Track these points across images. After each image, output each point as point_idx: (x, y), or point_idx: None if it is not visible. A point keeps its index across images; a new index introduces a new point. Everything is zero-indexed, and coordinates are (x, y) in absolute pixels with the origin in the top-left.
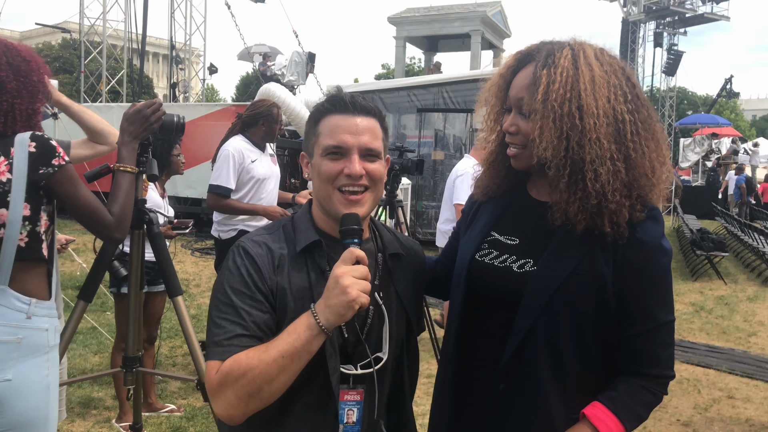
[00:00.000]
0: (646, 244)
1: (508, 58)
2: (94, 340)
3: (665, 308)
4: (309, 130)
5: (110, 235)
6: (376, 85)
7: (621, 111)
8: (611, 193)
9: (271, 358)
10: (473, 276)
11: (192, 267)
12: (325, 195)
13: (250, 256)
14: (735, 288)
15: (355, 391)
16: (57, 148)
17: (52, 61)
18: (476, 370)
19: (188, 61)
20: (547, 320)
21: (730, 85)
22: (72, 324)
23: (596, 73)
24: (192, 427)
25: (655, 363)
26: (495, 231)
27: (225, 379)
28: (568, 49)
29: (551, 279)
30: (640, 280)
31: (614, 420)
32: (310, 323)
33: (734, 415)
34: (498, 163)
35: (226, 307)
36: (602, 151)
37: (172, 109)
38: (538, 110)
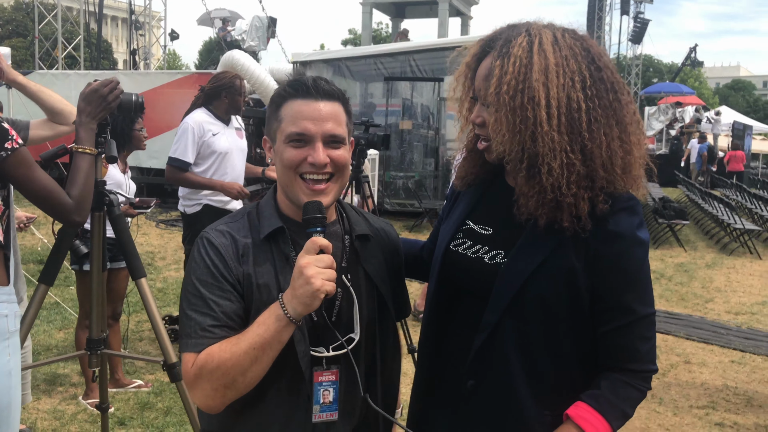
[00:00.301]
0: (618, 236)
1: (473, 46)
2: (58, 316)
3: (643, 301)
4: (271, 115)
5: (70, 218)
6: (343, 52)
7: (577, 99)
8: (566, 186)
9: (243, 351)
10: (447, 266)
11: (157, 239)
12: (288, 182)
13: (214, 246)
14: (694, 255)
15: (329, 371)
16: (9, 131)
17: (4, 23)
18: (449, 361)
19: (148, 26)
20: (515, 315)
21: (695, 54)
22: (33, 308)
23: (551, 60)
24: (160, 403)
25: (636, 358)
26: (470, 220)
27: (200, 372)
28: (523, 36)
29: (519, 273)
30: (615, 273)
31: (600, 419)
32: (278, 314)
33: (690, 380)
34: (475, 152)
35: (195, 299)
36: (554, 143)
37: (132, 77)
38: (492, 103)
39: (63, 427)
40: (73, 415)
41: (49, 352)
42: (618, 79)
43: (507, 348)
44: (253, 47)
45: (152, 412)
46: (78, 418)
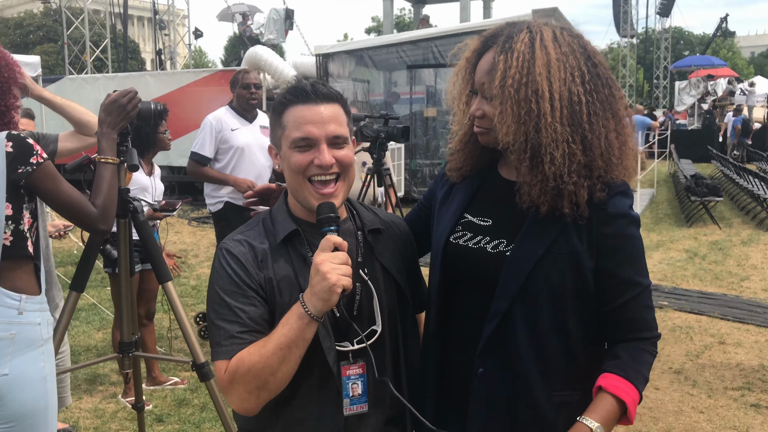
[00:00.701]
0: (617, 216)
1: (473, 41)
2: (96, 317)
3: (642, 274)
4: (274, 123)
5: (95, 227)
6: (364, 43)
7: (578, 92)
8: (568, 174)
9: (271, 352)
10: (449, 258)
11: (189, 237)
12: (297, 186)
13: (233, 255)
14: (729, 232)
15: (356, 365)
16: (34, 146)
17: (35, 30)
18: (457, 350)
19: (173, 25)
20: (524, 301)
21: (726, 24)
22: (66, 314)
23: (552, 56)
24: (196, 399)
25: (645, 327)
26: (468, 213)
27: (233, 377)
28: (525, 33)
29: (526, 260)
30: (617, 251)
31: (630, 386)
32: (300, 313)
33: (725, 361)
34: (472, 144)
35: (221, 308)
36: (557, 134)
37: (159, 77)
38: (497, 95)
39: (104, 425)
40: (114, 413)
41: (88, 352)
42: (611, 75)
43: (517, 334)
44: (272, 40)
45: (189, 409)
46: (118, 416)
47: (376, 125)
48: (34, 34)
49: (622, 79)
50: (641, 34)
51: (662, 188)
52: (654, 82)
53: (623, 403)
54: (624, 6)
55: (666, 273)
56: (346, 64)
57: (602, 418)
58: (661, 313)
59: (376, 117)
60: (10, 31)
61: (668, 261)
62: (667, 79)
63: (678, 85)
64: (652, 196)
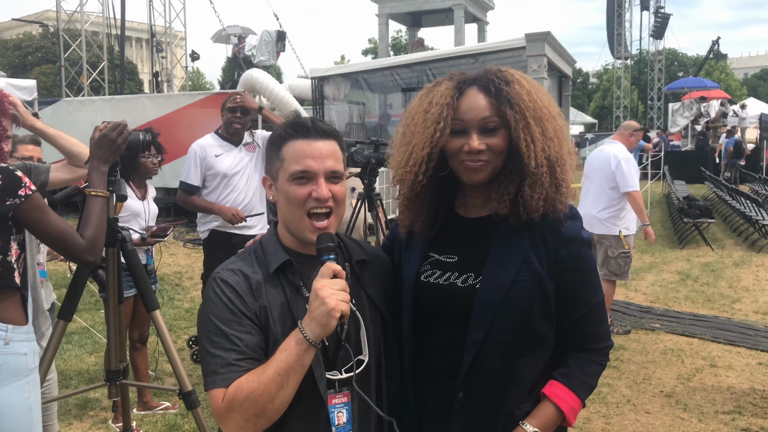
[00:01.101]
0: (571, 240)
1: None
2: (89, 340)
3: (595, 291)
4: (271, 155)
5: (83, 258)
6: (360, 66)
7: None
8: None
9: (269, 378)
10: (419, 296)
11: (184, 259)
12: (294, 219)
13: (228, 284)
14: (722, 254)
15: (341, 393)
16: (23, 178)
17: (33, 51)
18: (434, 380)
19: (170, 48)
20: (497, 329)
21: (717, 47)
22: (53, 343)
23: (535, 85)
24: (187, 424)
25: (597, 338)
26: (433, 252)
27: (230, 404)
28: (507, 70)
29: (495, 291)
30: (572, 273)
31: (571, 395)
32: (298, 338)
33: (716, 384)
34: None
35: (217, 336)
36: (570, 146)
37: (155, 100)
38: (519, 119)
39: None
40: None
41: (80, 376)
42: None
43: (492, 359)
44: (263, 62)
45: None
46: None
47: (366, 151)
48: (33, 56)
49: (617, 100)
50: (635, 55)
51: (656, 209)
52: (648, 103)
53: (562, 411)
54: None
55: (658, 295)
56: (341, 86)
57: (541, 423)
58: (652, 336)
59: (367, 143)
60: (8, 53)
61: (660, 283)
62: (661, 101)
63: (672, 106)
64: None
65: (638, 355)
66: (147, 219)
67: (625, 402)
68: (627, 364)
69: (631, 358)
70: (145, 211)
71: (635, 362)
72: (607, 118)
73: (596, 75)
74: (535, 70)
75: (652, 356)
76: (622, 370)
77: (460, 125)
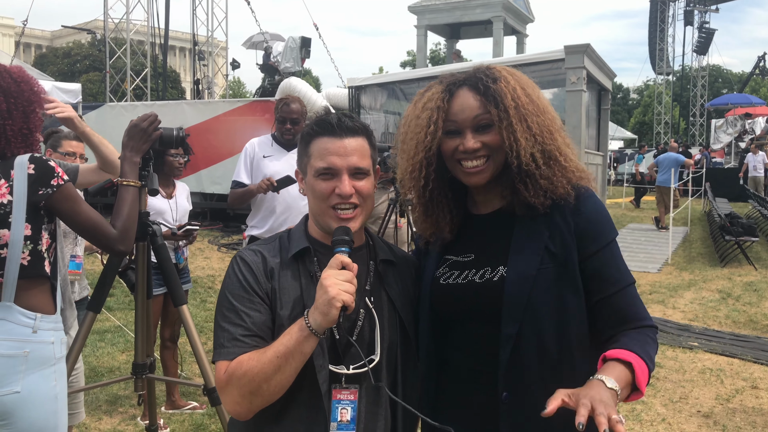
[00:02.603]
0: (594, 217)
1: (433, 93)
2: (121, 339)
3: (626, 272)
4: (301, 151)
5: (114, 248)
6: (396, 76)
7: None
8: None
9: (268, 359)
10: (438, 300)
11: (218, 263)
12: (320, 212)
13: (246, 263)
14: (766, 274)
15: (348, 390)
16: (56, 168)
17: (82, 59)
18: (463, 386)
19: (211, 56)
20: (530, 321)
21: (764, 62)
22: (82, 334)
23: (522, 80)
24: (214, 424)
25: (641, 316)
26: (449, 254)
27: (230, 378)
28: (495, 68)
29: (523, 282)
30: (600, 252)
31: (637, 358)
32: (301, 325)
33: (757, 406)
34: (435, 201)
35: (228, 311)
36: (560, 140)
37: (195, 106)
38: (513, 115)
39: None
40: None
41: (111, 373)
42: None
43: (530, 352)
44: (288, 68)
45: None
46: None
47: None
48: (81, 64)
49: (658, 116)
50: (678, 71)
51: (696, 227)
52: (690, 119)
53: (630, 365)
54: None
55: (697, 313)
56: (377, 96)
57: (617, 378)
58: (690, 354)
59: None
60: (58, 60)
61: (700, 301)
62: (703, 117)
63: (714, 123)
64: (686, 235)
65: (675, 374)
66: (175, 217)
67: (660, 420)
68: (663, 382)
69: (667, 376)
70: (171, 210)
71: (672, 380)
72: (648, 134)
73: (637, 91)
74: (574, 82)
75: (690, 375)
76: (658, 388)
77: (453, 126)
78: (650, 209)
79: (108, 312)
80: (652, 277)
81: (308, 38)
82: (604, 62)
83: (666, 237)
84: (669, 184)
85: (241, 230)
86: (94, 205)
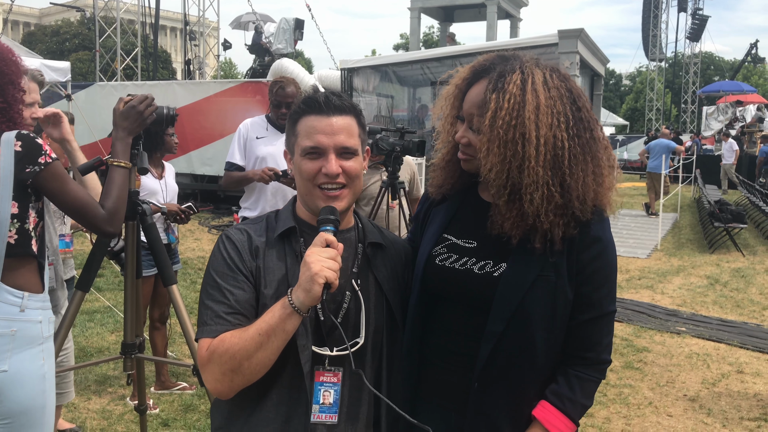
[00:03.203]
0: (597, 240)
1: (464, 70)
2: (111, 319)
3: (611, 299)
4: (289, 130)
5: (103, 228)
6: (389, 58)
7: (561, 138)
8: (544, 214)
9: (249, 336)
10: (431, 279)
11: (208, 245)
12: (307, 192)
13: (231, 241)
14: (753, 260)
15: (331, 372)
16: (43, 146)
17: (71, 37)
18: (439, 365)
19: (202, 37)
20: (518, 323)
21: (756, 50)
22: (70, 313)
23: (541, 101)
24: (203, 405)
25: (599, 348)
26: (449, 234)
27: (211, 355)
28: (518, 74)
29: (520, 284)
30: (594, 274)
31: (563, 419)
32: (284, 303)
33: (742, 390)
34: (453, 163)
35: (212, 289)
36: (538, 177)
37: (186, 86)
38: (485, 133)
39: (110, 427)
40: (121, 416)
41: (100, 353)
42: (592, 116)
43: (510, 352)
44: (280, 50)
45: (195, 414)
46: (125, 418)
47: (392, 138)
48: (70, 42)
49: (650, 103)
50: (670, 58)
51: (686, 213)
52: (682, 106)
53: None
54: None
55: (685, 299)
56: (370, 79)
57: None
58: (678, 339)
59: (392, 130)
60: (47, 39)
61: (688, 287)
62: (695, 104)
63: (706, 110)
64: (675, 221)
65: (662, 358)
66: (165, 197)
67: (647, 404)
68: (650, 366)
69: (654, 360)
70: (162, 191)
71: (659, 365)
72: (639, 121)
73: (629, 77)
74: (567, 67)
75: (677, 360)
76: (645, 372)
77: (460, 112)
78: (640, 195)
79: (97, 292)
80: (642, 262)
81: (302, 20)
82: (597, 47)
83: (656, 223)
84: (660, 170)
85: (231, 212)
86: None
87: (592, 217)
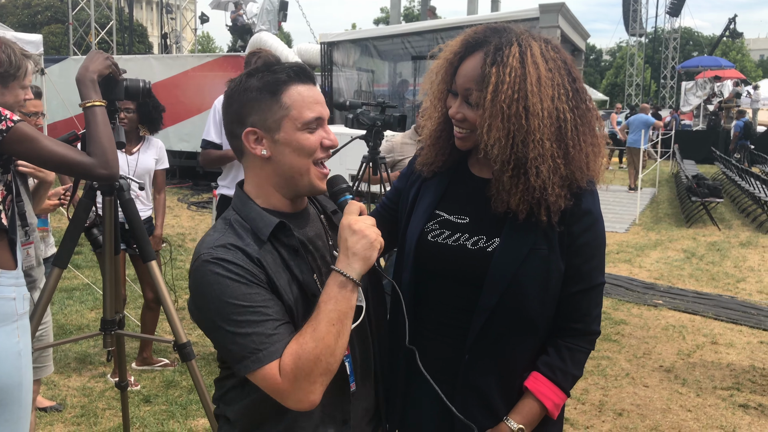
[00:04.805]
0: (587, 212)
1: (455, 44)
2: (90, 296)
3: (600, 271)
4: (266, 103)
5: (94, 173)
6: (370, 32)
7: (563, 110)
8: (551, 187)
9: (324, 332)
10: (424, 255)
11: (188, 221)
12: (302, 171)
13: (229, 261)
14: (728, 234)
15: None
16: (2, 111)
17: (43, 10)
18: (432, 338)
19: (179, 10)
20: (511, 296)
21: (734, 25)
22: (48, 289)
23: (542, 72)
24: (184, 381)
25: (588, 319)
26: (441, 210)
27: (297, 373)
28: (516, 47)
29: (513, 257)
30: (585, 246)
31: (555, 389)
32: (340, 281)
33: (716, 360)
34: (442, 140)
35: (241, 315)
36: (544, 150)
37: (163, 61)
38: (487, 108)
39: (91, 404)
40: (101, 392)
41: (80, 331)
42: (584, 88)
43: (504, 326)
44: (263, 30)
45: (176, 390)
46: (105, 395)
47: (372, 113)
48: (42, 15)
49: (630, 78)
50: (650, 33)
51: (664, 188)
52: (661, 81)
53: (545, 407)
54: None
55: (662, 272)
56: (350, 53)
57: (525, 419)
58: (655, 312)
59: (373, 105)
60: (18, 11)
61: (665, 260)
62: (674, 79)
63: (684, 85)
64: (653, 196)
65: (639, 330)
66: (131, 175)
67: (624, 375)
68: (628, 338)
69: (632, 333)
70: (129, 167)
71: (636, 337)
72: (619, 96)
73: (609, 52)
74: None
75: (654, 332)
76: (623, 344)
77: (453, 86)
78: (620, 171)
79: (76, 270)
80: (620, 237)
81: (286, 1)
82: (578, 22)
83: (634, 198)
84: (639, 145)
85: (211, 188)
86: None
87: (585, 189)
